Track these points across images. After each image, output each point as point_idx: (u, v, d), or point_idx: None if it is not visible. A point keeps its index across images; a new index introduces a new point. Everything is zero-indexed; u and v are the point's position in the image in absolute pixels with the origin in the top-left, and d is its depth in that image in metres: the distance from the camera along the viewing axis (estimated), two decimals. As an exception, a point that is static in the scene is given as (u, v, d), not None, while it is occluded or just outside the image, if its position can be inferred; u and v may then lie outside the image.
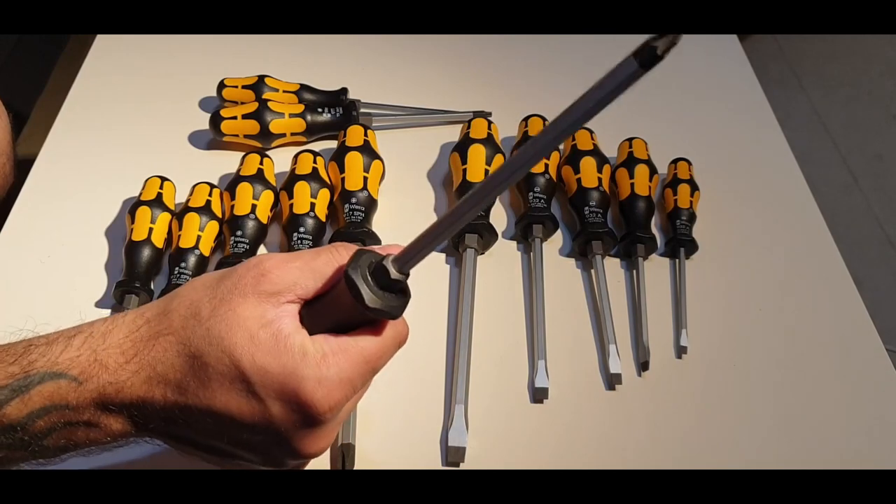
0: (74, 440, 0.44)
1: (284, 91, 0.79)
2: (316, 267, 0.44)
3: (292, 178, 0.70)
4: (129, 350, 0.43)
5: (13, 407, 0.42)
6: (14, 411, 0.42)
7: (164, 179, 0.70)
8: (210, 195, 0.69)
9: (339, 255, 0.45)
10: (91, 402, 0.43)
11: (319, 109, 0.78)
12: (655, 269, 0.70)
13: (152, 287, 0.65)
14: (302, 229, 0.66)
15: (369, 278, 0.43)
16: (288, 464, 0.47)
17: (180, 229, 0.66)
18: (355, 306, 0.43)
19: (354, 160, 0.70)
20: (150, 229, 0.66)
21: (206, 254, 0.66)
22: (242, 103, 0.78)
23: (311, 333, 0.44)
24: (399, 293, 0.44)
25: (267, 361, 0.42)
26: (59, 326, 0.63)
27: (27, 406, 0.42)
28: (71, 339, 0.43)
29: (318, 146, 0.78)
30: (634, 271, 0.69)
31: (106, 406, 0.43)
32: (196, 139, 0.78)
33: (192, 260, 0.65)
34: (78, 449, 0.45)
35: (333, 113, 0.78)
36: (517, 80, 0.89)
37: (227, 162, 0.75)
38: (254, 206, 0.68)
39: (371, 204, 0.69)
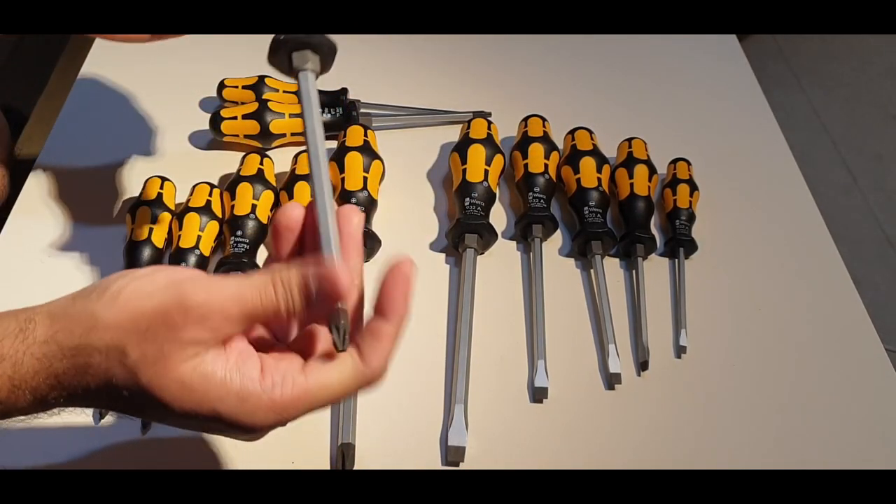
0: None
1: (284, 91, 0.79)
2: (258, 316, 0.41)
3: (292, 178, 0.70)
4: (49, 380, 0.40)
5: None
6: None
7: (164, 179, 0.70)
8: (210, 195, 0.69)
9: (283, 303, 0.41)
10: (19, 412, 0.42)
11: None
12: (655, 268, 0.70)
13: (152, 287, 0.65)
14: (302, 229, 0.66)
15: None
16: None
17: (180, 229, 0.66)
18: None
19: (354, 160, 0.70)
20: (151, 229, 0.66)
21: (207, 254, 0.66)
22: (242, 103, 0.78)
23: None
24: None
25: (199, 408, 0.40)
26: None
27: None
28: None
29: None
30: (634, 271, 0.69)
31: (39, 410, 0.42)
32: (196, 139, 0.78)
33: (192, 260, 0.65)
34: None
35: (333, 113, 0.78)
36: (517, 80, 0.89)
37: (227, 162, 0.75)
38: (254, 206, 0.68)
39: (371, 204, 0.69)
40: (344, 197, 0.68)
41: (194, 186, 0.70)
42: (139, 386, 0.40)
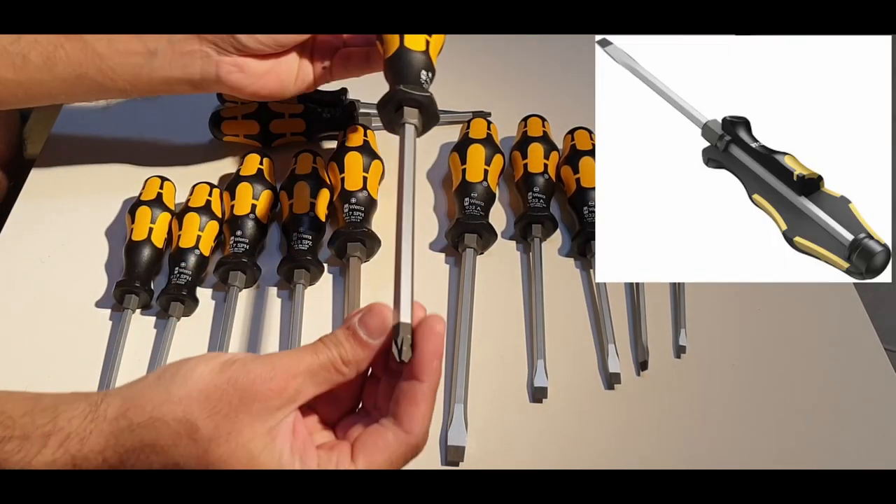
0: None
1: (284, 91, 0.79)
2: (316, 372, 0.43)
3: (292, 178, 0.70)
4: (112, 458, 0.41)
5: None
6: None
7: (164, 179, 0.70)
8: (210, 195, 0.69)
9: (336, 354, 0.43)
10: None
11: (319, 109, 0.78)
12: (655, 268, 0.70)
13: (152, 287, 0.65)
14: (302, 229, 0.66)
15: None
16: None
17: (180, 229, 0.66)
18: None
19: (354, 160, 0.70)
20: (151, 229, 0.66)
21: (206, 254, 0.66)
22: (243, 103, 0.77)
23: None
24: None
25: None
26: (60, 327, 0.63)
27: None
28: (48, 439, 0.42)
29: (317, 146, 0.78)
30: (634, 271, 0.69)
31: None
32: (196, 139, 0.78)
33: (192, 260, 0.65)
34: None
35: (333, 113, 0.78)
36: (517, 80, 0.89)
37: (227, 162, 0.75)
38: (254, 206, 0.68)
39: (371, 204, 0.69)
40: (344, 197, 0.68)
41: (194, 186, 0.70)
42: (209, 464, 0.40)
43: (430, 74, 0.61)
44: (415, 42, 0.61)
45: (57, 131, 0.79)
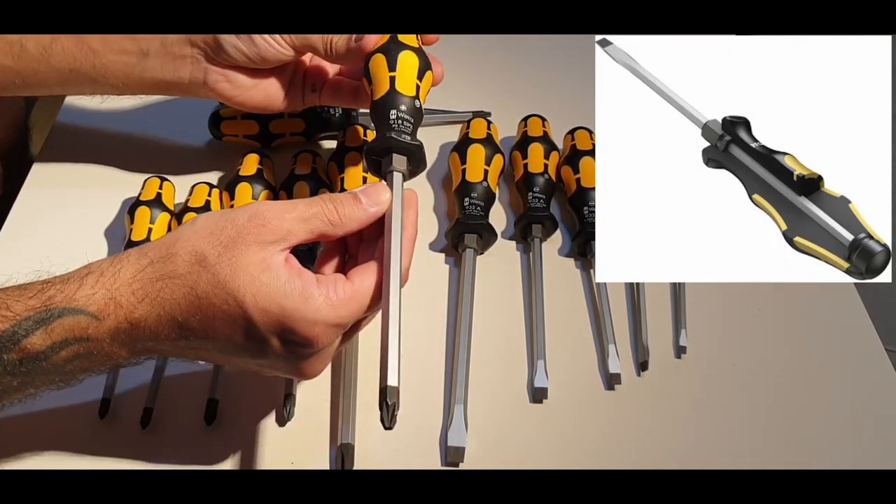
0: (92, 366, 0.49)
1: (284, 91, 0.79)
2: (308, 219, 0.48)
3: (292, 178, 0.70)
4: (139, 291, 0.47)
5: (37, 337, 0.46)
6: (37, 341, 0.46)
7: (163, 179, 0.70)
8: (209, 195, 0.69)
9: (332, 208, 0.49)
10: (108, 335, 0.47)
11: (319, 109, 0.78)
12: (655, 268, 0.70)
13: (152, 287, 0.65)
14: (301, 229, 0.66)
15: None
16: (291, 376, 0.55)
17: (180, 229, 0.66)
18: None
19: (354, 160, 0.70)
20: (150, 229, 0.66)
21: (206, 254, 0.66)
22: (241, 104, 0.77)
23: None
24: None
25: (267, 302, 0.46)
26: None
27: (49, 337, 0.46)
28: (84, 278, 0.47)
29: (317, 146, 0.78)
30: (634, 271, 0.69)
31: (122, 339, 0.47)
32: (196, 139, 0.78)
33: (191, 260, 0.65)
34: (94, 372, 0.50)
35: (333, 113, 0.78)
36: (517, 80, 0.89)
37: (226, 162, 0.75)
38: (253, 206, 0.68)
39: (371, 204, 0.69)
40: (343, 197, 0.68)
41: (193, 186, 0.70)
42: (218, 282, 0.46)
43: (416, 119, 0.58)
44: (403, 86, 0.59)
45: (56, 132, 0.79)
